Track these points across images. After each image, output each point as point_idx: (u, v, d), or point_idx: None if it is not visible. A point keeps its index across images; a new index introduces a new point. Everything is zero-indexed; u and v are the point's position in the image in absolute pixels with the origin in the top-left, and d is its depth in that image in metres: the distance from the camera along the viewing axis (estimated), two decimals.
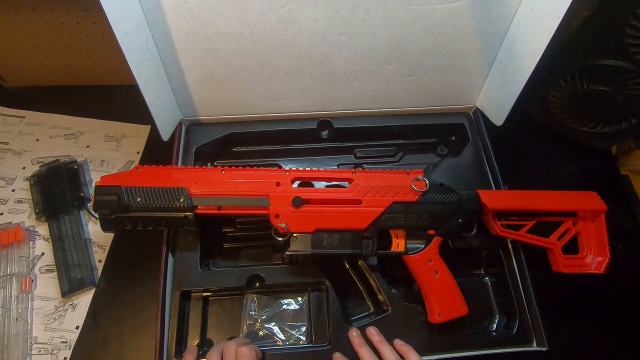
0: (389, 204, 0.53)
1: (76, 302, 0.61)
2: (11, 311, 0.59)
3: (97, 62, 0.74)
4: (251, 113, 0.67)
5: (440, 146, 0.71)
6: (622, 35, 0.55)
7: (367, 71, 0.62)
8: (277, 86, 0.63)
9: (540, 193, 0.57)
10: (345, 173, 0.55)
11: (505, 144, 0.66)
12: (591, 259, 0.57)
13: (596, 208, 0.57)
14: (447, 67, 0.63)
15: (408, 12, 0.54)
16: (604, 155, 0.76)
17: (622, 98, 0.62)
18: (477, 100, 0.70)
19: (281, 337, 0.56)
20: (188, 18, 0.53)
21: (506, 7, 0.55)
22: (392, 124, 0.69)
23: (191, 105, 0.65)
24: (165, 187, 0.51)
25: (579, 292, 0.62)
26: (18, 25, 0.67)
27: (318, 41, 0.57)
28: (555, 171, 0.76)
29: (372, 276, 0.56)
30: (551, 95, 0.69)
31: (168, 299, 0.54)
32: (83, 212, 0.67)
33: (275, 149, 0.69)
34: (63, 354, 0.57)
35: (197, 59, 0.58)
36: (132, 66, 0.50)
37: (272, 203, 0.52)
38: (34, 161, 0.71)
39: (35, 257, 0.64)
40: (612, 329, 0.62)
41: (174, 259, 0.57)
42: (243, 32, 0.55)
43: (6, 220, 0.66)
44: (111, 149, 0.73)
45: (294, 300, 0.59)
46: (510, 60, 0.59)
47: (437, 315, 0.52)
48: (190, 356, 0.51)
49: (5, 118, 0.75)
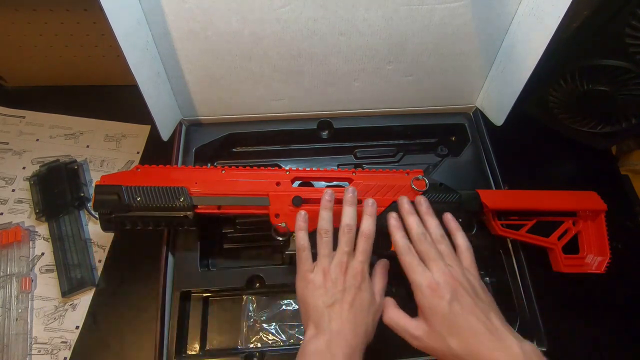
0: (389, 204, 0.53)
1: (76, 302, 0.61)
2: (11, 311, 0.59)
3: (97, 62, 0.74)
4: (251, 113, 0.67)
5: (440, 146, 0.71)
6: (622, 35, 0.55)
7: (367, 71, 0.62)
8: (277, 86, 0.63)
9: (540, 193, 0.57)
10: (345, 173, 0.55)
11: (505, 144, 0.66)
12: (591, 259, 0.57)
13: (596, 208, 0.57)
14: (447, 67, 0.63)
15: (408, 12, 0.54)
16: (604, 155, 0.76)
17: (622, 98, 0.62)
18: (477, 100, 0.70)
19: (281, 337, 0.56)
20: (188, 18, 0.53)
21: (506, 7, 0.55)
22: (392, 124, 0.69)
23: (191, 105, 0.65)
24: (165, 186, 0.51)
25: (579, 292, 0.62)
26: (18, 25, 0.67)
27: (318, 41, 0.57)
28: (555, 171, 0.76)
29: None
30: (551, 95, 0.69)
31: (168, 299, 0.54)
32: (83, 212, 0.67)
33: (275, 149, 0.69)
34: (63, 354, 0.57)
35: (197, 59, 0.58)
36: (132, 66, 0.49)
37: (272, 203, 0.52)
38: (34, 161, 0.71)
39: (35, 257, 0.64)
40: (612, 328, 0.62)
41: (174, 259, 0.57)
42: (243, 32, 0.55)
43: (6, 220, 0.66)
44: (111, 149, 0.73)
45: (294, 301, 0.59)
46: (510, 60, 0.59)
47: None
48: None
49: (5, 118, 0.75)
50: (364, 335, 0.42)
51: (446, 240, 0.47)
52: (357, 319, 0.42)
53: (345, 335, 0.41)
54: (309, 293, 0.44)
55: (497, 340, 0.39)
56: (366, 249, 0.46)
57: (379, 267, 0.49)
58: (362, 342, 0.42)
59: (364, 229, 0.47)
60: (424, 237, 0.46)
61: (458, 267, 0.44)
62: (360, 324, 0.42)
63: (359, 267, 0.45)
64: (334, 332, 0.41)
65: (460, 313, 0.40)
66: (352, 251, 0.46)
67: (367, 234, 0.47)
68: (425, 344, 0.41)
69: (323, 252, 0.46)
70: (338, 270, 0.44)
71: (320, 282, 0.44)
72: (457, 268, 0.44)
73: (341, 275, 0.44)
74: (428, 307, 0.41)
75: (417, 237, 0.46)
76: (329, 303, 0.43)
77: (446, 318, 0.40)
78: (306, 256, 0.46)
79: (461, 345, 0.39)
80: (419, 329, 0.42)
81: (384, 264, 0.50)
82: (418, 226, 0.47)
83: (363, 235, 0.47)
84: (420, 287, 0.42)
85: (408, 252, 0.45)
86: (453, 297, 0.41)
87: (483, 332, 0.39)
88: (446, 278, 0.42)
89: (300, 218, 0.49)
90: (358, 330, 0.42)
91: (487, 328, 0.40)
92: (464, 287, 0.42)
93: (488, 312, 0.41)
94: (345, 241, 0.46)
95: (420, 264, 0.44)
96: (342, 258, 0.45)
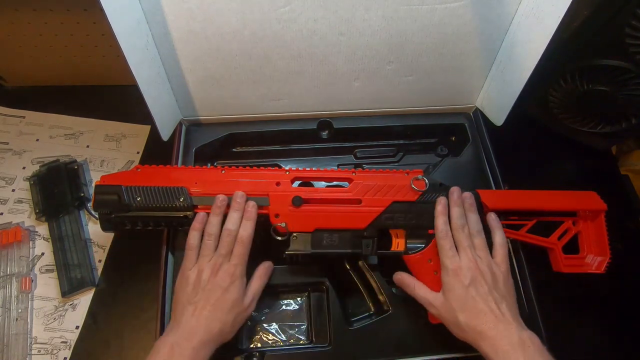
0: (389, 204, 0.53)
1: (76, 302, 0.61)
2: (11, 311, 0.59)
3: (97, 62, 0.74)
4: (251, 113, 0.67)
5: (440, 146, 0.71)
6: (622, 35, 0.55)
7: (367, 71, 0.62)
8: (277, 86, 0.63)
9: (540, 193, 0.57)
10: (345, 173, 0.55)
11: (505, 144, 0.66)
12: (591, 259, 0.57)
13: (596, 208, 0.57)
14: (447, 67, 0.63)
15: (408, 12, 0.54)
16: (604, 155, 0.76)
17: (622, 98, 0.62)
18: (477, 100, 0.70)
19: (281, 337, 0.56)
20: (188, 18, 0.53)
21: (506, 7, 0.55)
22: (392, 124, 0.69)
23: (191, 105, 0.65)
24: (165, 186, 0.51)
25: (579, 292, 0.62)
26: (18, 25, 0.67)
27: (318, 41, 0.57)
28: (555, 171, 0.76)
29: (373, 276, 0.56)
30: (551, 95, 0.69)
31: (168, 299, 0.54)
32: (83, 212, 0.67)
33: (275, 149, 0.69)
34: (63, 354, 0.57)
35: (197, 59, 0.58)
36: (132, 66, 0.50)
37: (272, 202, 0.52)
38: (34, 161, 0.71)
39: (35, 257, 0.64)
40: (612, 328, 0.62)
41: (174, 259, 0.57)
42: (243, 32, 0.55)
43: (6, 220, 0.66)
44: (111, 149, 0.73)
45: (294, 301, 0.59)
46: (510, 60, 0.59)
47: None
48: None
49: (5, 118, 0.75)
50: (218, 334, 0.46)
51: (482, 236, 0.51)
52: (214, 317, 0.47)
53: (198, 331, 0.45)
54: (181, 289, 0.49)
55: (500, 323, 0.44)
56: (241, 253, 0.50)
57: (260, 269, 0.53)
58: (214, 339, 0.46)
59: (241, 234, 0.50)
60: (462, 228, 0.50)
61: (486, 259, 0.49)
62: (216, 322, 0.46)
63: (231, 270, 0.49)
64: (188, 327, 0.46)
65: (473, 296, 0.46)
66: (228, 254, 0.50)
67: (242, 239, 0.50)
68: (440, 313, 0.48)
69: (203, 253, 0.50)
70: (210, 271, 0.48)
71: (192, 280, 0.48)
72: (485, 259, 0.49)
73: (212, 276, 0.48)
74: (448, 285, 0.47)
75: (456, 226, 0.51)
76: (192, 301, 0.47)
77: (460, 297, 0.46)
78: (191, 255, 0.50)
79: (467, 320, 0.45)
80: (437, 300, 0.48)
81: (267, 267, 0.54)
82: (460, 217, 0.51)
83: (239, 240, 0.50)
84: (447, 268, 0.48)
85: (445, 237, 0.50)
86: (471, 282, 0.47)
87: (489, 315, 0.45)
88: (470, 265, 0.48)
89: (198, 219, 0.51)
90: (212, 327, 0.46)
91: (494, 313, 0.45)
92: (484, 276, 0.47)
93: (500, 301, 0.46)
94: (223, 245, 0.50)
95: (452, 249, 0.49)
96: (217, 260, 0.49)
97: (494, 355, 0.43)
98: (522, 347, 0.42)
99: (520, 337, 0.43)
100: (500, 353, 0.42)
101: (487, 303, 0.45)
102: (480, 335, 0.44)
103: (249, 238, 0.51)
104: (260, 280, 0.52)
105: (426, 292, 0.50)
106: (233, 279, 0.48)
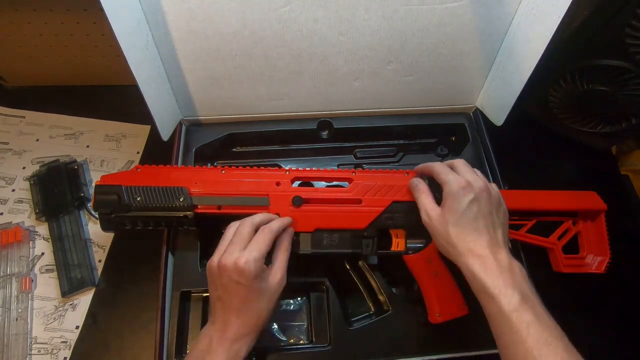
0: (389, 204, 0.53)
1: (76, 302, 0.61)
2: (11, 311, 0.59)
3: (97, 62, 0.74)
4: (251, 113, 0.67)
5: (440, 146, 0.71)
6: (622, 35, 0.55)
7: (367, 71, 0.62)
8: (277, 86, 0.63)
9: (540, 193, 0.57)
10: (345, 173, 0.55)
11: (505, 144, 0.66)
12: (591, 259, 0.57)
13: (596, 208, 0.57)
14: (447, 67, 0.63)
15: (408, 12, 0.54)
16: (604, 155, 0.76)
17: (622, 98, 0.62)
18: (477, 100, 0.70)
19: (281, 337, 0.56)
20: (188, 18, 0.53)
21: (506, 7, 0.55)
22: (392, 124, 0.69)
23: (191, 105, 0.65)
24: (165, 186, 0.51)
25: (579, 292, 0.62)
26: (18, 25, 0.67)
27: (318, 41, 0.57)
28: (555, 171, 0.76)
29: (373, 276, 0.56)
30: (551, 95, 0.69)
31: (168, 299, 0.54)
32: (83, 212, 0.67)
33: (275, 149, 0.69)
34: (63, 354, 0.57)
35: (197, 59, 0.58)
36: (132, 66, 0.50)
37: (272, 203, 0.52)
38: (34, 161, 0.71)
39: (35, 257, 0.64)
40: (612, 328, 0.62)
41: (174, 259, 0.57)
42: (243, 32, 0.55)
43: (6, 220, 0.66)
44: (111, 149, 0.73)
45: (294, 300, 0.59)
46: (510, 60, 0.59)
47: (437, 315, 0.51)
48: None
49: (5, 118, 0.75)
50: (254, 324, 0.45)
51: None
52: (247, 309, 0.45)
53: (231, 326, 0.44)
54: (208, 283, 0.47)
55: (493, 245, 0.43)
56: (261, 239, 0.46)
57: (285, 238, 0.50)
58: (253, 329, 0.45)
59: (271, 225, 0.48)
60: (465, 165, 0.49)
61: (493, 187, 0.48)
62: (250, 313, 0.45)
63: (251, 256, 0.45)
64: (221, 321, 0.45)
65: (473, 213, 0.44)
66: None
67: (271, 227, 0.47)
68: (432, 223, 0.46)
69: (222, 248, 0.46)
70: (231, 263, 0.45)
71: (215, 273, 0.46)
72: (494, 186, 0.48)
73: (234, 270, 0.45)
74: (450, 197, 0.45)
75: (457, 163, 0.49)
76: (221, 297, 0.45)
77: (459, 211, 0.44)
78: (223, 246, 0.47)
79: (459, 235, 0.44)
80: (434, 210, 0.47)
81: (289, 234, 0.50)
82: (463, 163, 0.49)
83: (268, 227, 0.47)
84: (450, 183, 0.46)
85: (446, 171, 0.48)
86: (475, 198, 0.45)
87: (484, 235, 0.43)
88: (478, 183, 0.46)
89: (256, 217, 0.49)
90: (247, 320, 0.45)
91: (490, 235, 0.44)
92: (490, 196, 0.46)
93: (498, 227, 0.45)
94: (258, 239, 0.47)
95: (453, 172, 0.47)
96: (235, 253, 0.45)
97: (482, 272, 0.42)
98: (511, 271, 0.42)
99: (510, 263, 0.42)
100: (489, 272, 0.41)
101: (485, 224, 0.44)
102: (470, 252, 0.43)
103: (277, 230, 0.48)
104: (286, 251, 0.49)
105: (429, 202, 0.48)
106: (255, 266, 0.44)
